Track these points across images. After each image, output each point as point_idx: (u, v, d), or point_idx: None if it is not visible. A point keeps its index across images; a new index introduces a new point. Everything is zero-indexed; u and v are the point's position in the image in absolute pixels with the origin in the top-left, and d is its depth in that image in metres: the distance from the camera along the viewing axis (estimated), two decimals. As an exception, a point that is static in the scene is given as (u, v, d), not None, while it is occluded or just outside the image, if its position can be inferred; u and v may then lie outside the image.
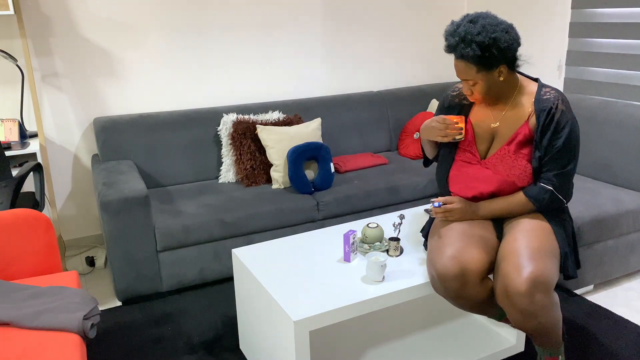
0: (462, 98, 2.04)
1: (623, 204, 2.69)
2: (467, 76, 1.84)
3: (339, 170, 3.37)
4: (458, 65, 1.84)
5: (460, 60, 1.81)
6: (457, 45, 1.78)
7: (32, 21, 2.99)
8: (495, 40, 1.75)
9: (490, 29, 1.76)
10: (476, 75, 1.82)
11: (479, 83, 1.84)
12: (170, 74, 3.36)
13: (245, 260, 2.10)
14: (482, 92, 1.86)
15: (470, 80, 1.84)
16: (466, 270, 1.76)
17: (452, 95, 2.07)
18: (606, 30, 3.24)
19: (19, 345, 1.65)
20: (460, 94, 2.05)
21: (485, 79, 1.83)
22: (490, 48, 1.76)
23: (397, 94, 3.88)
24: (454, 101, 2.06)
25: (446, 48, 1.84)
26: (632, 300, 2.65)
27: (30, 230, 2.10)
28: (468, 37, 1.76)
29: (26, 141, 2.95)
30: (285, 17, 3.58)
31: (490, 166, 1.93)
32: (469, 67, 1.81)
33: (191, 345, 2.36)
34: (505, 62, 1.82)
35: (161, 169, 3.19)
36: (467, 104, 2.02)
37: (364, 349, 2.17)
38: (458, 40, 1.78)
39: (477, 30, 1.75)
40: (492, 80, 1.84)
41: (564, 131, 1.84)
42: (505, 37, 1.77)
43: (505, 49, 1.78)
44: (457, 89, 2.07)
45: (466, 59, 1.79)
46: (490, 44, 1.75)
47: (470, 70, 1.81)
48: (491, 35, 1.75)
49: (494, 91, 1.87)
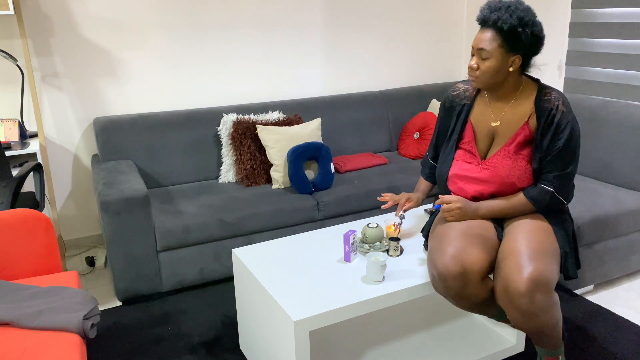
0: (462, 98, 2.04)
1: (623, 204, 2.69)
2: (487, 46, 1.81)
3: (339, 170, 3.37)
4: (483, 35, 1.82)
5: (490, 28, 1.80)
6: (499, 9, 1.78)
7: (32, 21, 2.99)
8: (534, 24, 1.78)
9: (533, 14, 1.80)
10: (495, 50, 1.80)
11: (492, 60, 1.82)
12: (171, 74, 3.37)
13: (245, 260, 2.10)
14: (489, 71, 1.84)
15: (486, 52, 1.82)
16: (467, 269, 1.76)
17: (453, 95, 2.07)
18: (606, 30, 3.24)
19: (19, 345, 1.65)
20: (461, 94, 2.05)
21: (499, 58, 1.81)
22: (526, 27, 1.77)
23: (397, 94, 3.88)
24: (455, 101, 2.06)
25: (484, 9, 1.83)
26: (632, 300, 2.65)
27: (30, 230, 2.10)
28: (512, 7, 1.78)
29: (26, 141, 2.95)
30: (286, 17, 3.58)
31: (490, 167, 1.93)
32: (494, 38, 1.79)
33: (191, 345, 2.36)
34: (524, 52, 1.82)
35: (161, 169, 3.19)
36: (468, 104, 2.02)
37: (364, 349, 2.17)
38: (501, 5, 1.79)
39: (523, 8, 1.79)
40: (504, 64, 1.83)
41: (564, 132, 1.83)
42: (540, 27, 1.81)
43: (536, 36, 1.80)
44: (458, 89, 2.07)
45: (498, 28, 1.78)
46: (528, 22, 1.77)
47: (493, 41, 1.80)
48: (533, 18, 1.79)
49: (498, 77, 1.86)
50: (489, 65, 1.83)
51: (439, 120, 2.14)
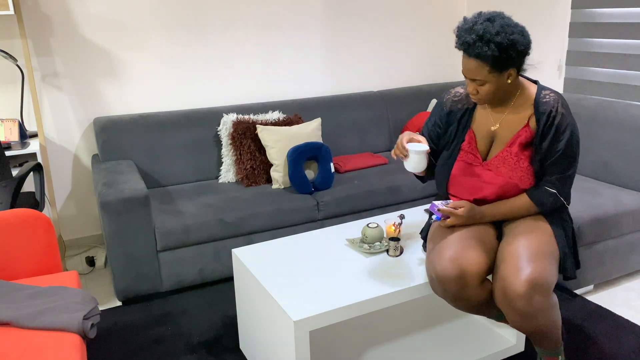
0: (464, 103, 2.01)
1: (623, 204, 2.69)
2: (478, 76, 1.77)
3: (339, 170, 3.37)
4: (469, 64, 1.77)
5: (473, 59, 1.75)
6: (474, 43, 1.72)
7: (32, 21, 2.99)
8: (514, 42, 1.71)
9: (509, 30, 1.71)
10: (487, 76, 1.77)
11: (488, 84, 1.79)
12: (170, 74, 3.36)
13: (245, 260, 2.10)
14: (489, 93, 1.81)
15: (479, 80, 1.79)
16: (466, 272, 1.75)
17: (454, 101, 2.02)
18: (606, 30, 3.24)
19: (19, 345, 1.65)
20: (463, 100, 2.01)
21: (494, 80, 1.78)
22: (509, 50, 1.71)
23: (397, 94, 3.88)
24: (456, 107, 2.01)
25: (460, 45, 1.77)
26: (632, 300, 2.65)
27: (30, 230, 2.10)
28: (487, 36, 1.70)
29: (26, 141, 2.95)
30: (286, 17, 3.58)
31: (492, 168, 1.92)
32: (481, 66, 1.75)
33: (191, 345, 2.36)
34: (516, 66, 1.78)
35: (161, 169, 3.19)
36: (470, 108, 1.99)
37: (364, 349, 2.17)
38: (475, 39, 1.71)
39: (496, 30, 1.70)
40: (501, 82, 1.79)
41: (564, 135, 1.83)
42: (522, 39, 1.73)
43: (522, 52, 1.74)
44: (459, 94, 2.02)
45: (481, 59, 1.73)
46: (508, 45, 1.70)
47: (482, 70, 1.76)
48: (510, 37, 1.70)
49: (499, 94, 1.83)
50: (487, 89, 1.80)
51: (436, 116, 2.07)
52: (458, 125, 2.00)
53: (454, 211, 1.89)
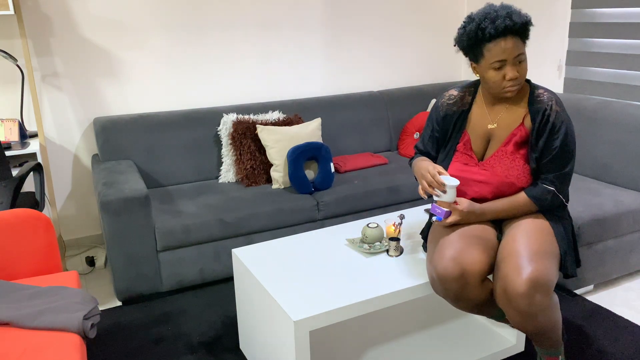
0: (460, 105, 2.00)
1: (623, 204, 2.69)
2: (521, 49, 1.78)
3: (339, 170, 3.38)
4: (508, 44, 1.75)
5: (510, 37, 1.75)
6: (507, 17, 1.74)
7: (32, 21, 2.99)
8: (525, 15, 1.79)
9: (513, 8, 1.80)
10: (524, 49, 1.80)
11: (525, 60, 1.81)
12: (170, 73, 3.37)
13: (245, 260, 2.10)
14: (526, 71, 1.83)
15: (522, 55, 1.79)
16: (466, 271, 1.75)
17: (449, 104, 2.00)
18: (606, 30, 3.24)
19: (19, 345, 1.65)
20: (458, 102, 2.00)
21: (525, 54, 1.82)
22: (528, 22, 1.78)
23: (397, 94, 3.88)
24: (451, 110, 2.00)
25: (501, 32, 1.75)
26: (632, 300, 2.65)
27: (30, 230, 2.10)
28: (512, 13, 1.75)
29: (26, 141, 2.95)
30: (285, 17, 3.58)
31: (488, 167, 1.93)
32: (519, 41, 1.77)
33: (191, 345, 2.36)
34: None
35: (161, 169, 3.19)
36: (465, 110, 1.99)
37: (364, 349, 2.17)
38: (504, 15, 1.74)
39: (509, 8, 1.78)
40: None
41: (560, 132, 1.83)
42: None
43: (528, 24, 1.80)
44: (454, 97, 2.01)
45: (519, 34, 1.76)
46: (524, 15, 1.78)
47: (520, 44, 1.77)
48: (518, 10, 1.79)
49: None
50: (525, 66, 1.83)
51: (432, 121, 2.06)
52: (453, 127, 2.01)
53: (454, 205, 1.89)
